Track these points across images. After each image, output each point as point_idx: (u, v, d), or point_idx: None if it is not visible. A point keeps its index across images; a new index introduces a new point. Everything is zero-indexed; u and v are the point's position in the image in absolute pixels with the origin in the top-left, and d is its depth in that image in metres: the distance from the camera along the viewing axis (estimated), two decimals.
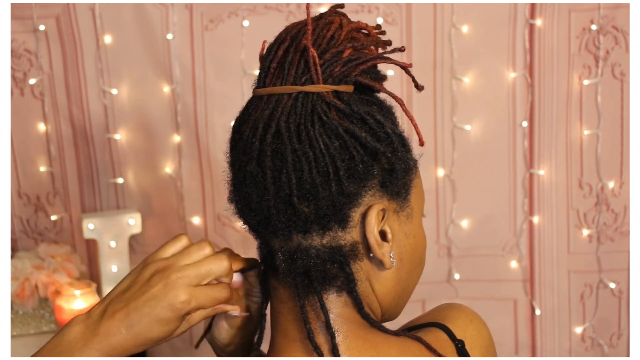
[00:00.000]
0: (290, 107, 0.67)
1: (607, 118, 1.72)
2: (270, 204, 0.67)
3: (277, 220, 0.68)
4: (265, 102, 0.68)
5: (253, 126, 0.67)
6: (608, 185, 1.75)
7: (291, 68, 0.68)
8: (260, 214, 0.68)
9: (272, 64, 0.69)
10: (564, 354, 1.81)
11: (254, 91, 0.70)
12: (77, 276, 1.71)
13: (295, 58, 0.68)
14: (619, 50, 1.69)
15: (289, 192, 0.66)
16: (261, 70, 0.70)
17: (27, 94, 1.76)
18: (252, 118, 0.68)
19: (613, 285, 1.78)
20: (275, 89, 0.68)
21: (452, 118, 1.74)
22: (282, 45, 0.70)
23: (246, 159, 0.67)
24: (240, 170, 0.69)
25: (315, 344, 0.68)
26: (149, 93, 1.75)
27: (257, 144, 0.66)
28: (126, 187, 1.80)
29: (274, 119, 0.66)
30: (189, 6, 1.70)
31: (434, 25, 1.70)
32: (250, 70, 1.72)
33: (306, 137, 0.65)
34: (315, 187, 0.66)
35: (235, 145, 0.70)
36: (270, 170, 0.66)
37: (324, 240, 0.69)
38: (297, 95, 0.67)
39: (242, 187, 0.69)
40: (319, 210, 0.67)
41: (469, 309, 0.80)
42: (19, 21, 1.70)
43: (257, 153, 0.66)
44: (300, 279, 0.69)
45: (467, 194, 1.78)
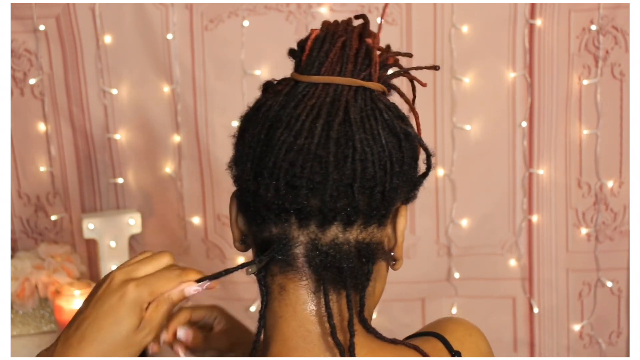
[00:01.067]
0: (352, 98, 0.68)
1: (607, 118, 1.72)
2: (328, 191, 0.66)
3: (329, 208, 0.66)
4: (322, 90, 0.68)
5: (312, 110, 0.67)
6: (607, 185, 1.75)
7: (349, 62, 0.69)
8: (310, 200, 0.66)
9: (330, 54, 0.70)
10: (562, 351, 1.82)
11: (305, 77, 0.69)
12: (77, 276, 1.71)
13: (352, 53, 0.70)
14: (618, 50, 1.69)
15: (352, 180, 0.66)
16: (314, 59, 0.70)
17: (27, 94, 1.76)
18: (310, 103, 0.67)
19: (611, 284, 1.78)
20: (335, 79, 0.68)
21: (452, 118, 1.74)
22: (339, 38, 0.71)
23: (304, 142, 0.66)
24: (291, 153, 0.66)
25: (337, 340, 0.67)
26: (149, 93, 1.75)
27: (320, 129, 0.66)
28: (126, 187, 1.80)
29: (340, 107, 0.67)
30: (189, 6, 1.70)
31: (434, 25, 1.70)
32: (250, 70, 1.72)
33: (370, 130, 0.67)
34: (375, 179, 0.67)
35: (281, 127, 0.67)
36: (334, 156, 0.66)
37: (361, 236, 0.69)
38: (358, 89, 0.69)
39: (291, 171, 0.66)
40: (372, 203, 0.67)
41: (469, 322, 0.80)
42: (19, 21, 1.70)
43: (319, 138, 0.66)
44: (329, 274, 0.68)
45: (467, 194, 1.78)
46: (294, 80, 0.70)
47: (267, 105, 0.69)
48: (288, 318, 0.70)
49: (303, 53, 0.72)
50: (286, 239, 0.68)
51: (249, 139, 0.69)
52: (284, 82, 0.72)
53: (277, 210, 0.67)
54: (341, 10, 1.70)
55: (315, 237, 0.68)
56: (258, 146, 0.68)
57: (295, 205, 0.66)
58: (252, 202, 0.69)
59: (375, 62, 0.70)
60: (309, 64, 0.70)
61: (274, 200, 0.67)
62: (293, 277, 0.69)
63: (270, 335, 0.71)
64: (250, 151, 0.69)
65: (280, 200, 0.67)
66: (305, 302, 0.69)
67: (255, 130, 0.69)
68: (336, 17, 1.81)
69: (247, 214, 0.72)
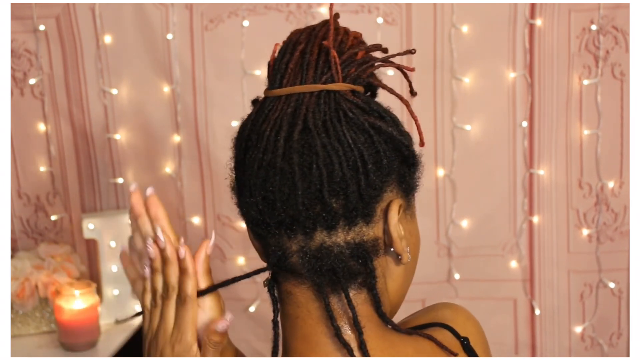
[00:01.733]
0: (314, 104, 0.68)
1: (607, 118, 1.72)
2: (299, 201, 0.67)
3: (305, 216, 0.67)
4: (285, 102, 0.69)
5: (275, 124, 0.68)
6: (608, 185, 1.75)
7: (309, 68, 0.70)
8: (286, 212, 0.67)
9: (289, 64, 0.70)
10: (564, 353, 1.81)
11: (270, 92, 0.71)
12: (77, 276, 1.71)
13: (313, 58, 0.70)
14: (619, 50, 1.69)
15: (320, 187, 0.67)
16: (276, 72, 0.71)
17: (27, 94, 1.76)
18: (273, 117, 0.69)
19: (613, 285, 1.78)
20: (295, 88, 0.69)
21: (452, 118, 1.74)
22: (298, 46, 0.71)
23: (270, 157, 0.67)
24: (261, 170, 0.68)
25: (344, 341, 0.68)
26: (149, 93, 1.75)
27: (283, 142, 0.67)
28: (126, 187, 1.80)
29: (299, 116, 0.68)
30: (189, 6, 1.70)
31: (434, 25, 1.70)
32: (250, 70, 1.72)
33: (334, 132, 0.67)
34: (345, 180, 0.67)
35: (252, 145, 0.69)
36: (298, 166, 0.67)
37: (349, 237, 0.69)
38: (320, 94, 0.69)
39: (264, 187, 0.68)
40: (348, 205, 0.68)
41: (462, 307, 0.82)
42: (19, 21, 1.70)
43: (282, 150, 0.67)
44: (325, 278, 0.69)
45: (467, 194, 1.78)
46: (264, 97, 0.72)
47: (242, 126, 0.72)
48: (304, 317, 0.71)
49: (269, 68, 0.73)
50: (281, 250, 0.70)
51: (235, 160, 0.73)
52: (257, 100, 0.74)
53: (264, 225, 0.70)
54: (341, 10, 1.69)
55: (305, 245, 0.69)
56: (239, 167, 0.71)
57: (274, 218, 0.68)
58: (245, 220, 0.73)
59: (334, 62, 0.70)
60: (273, 78, 0.71)
61: (257, 216, 0.69)
62: (296, 283, 0.71)
63: (290, 334, 0.72)
64: (236, 173, 0.73)
65: (262, 216, 0.69)
66: (315, 301, 0.70)
67: (237, 151, 0.72)
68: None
69: (252, 230, 0.75)
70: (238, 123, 1.80)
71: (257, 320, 1.82)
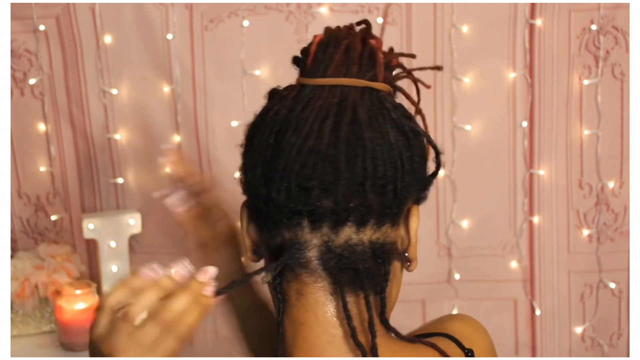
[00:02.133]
0: (359, 98, 0.69)
1: (607, 118, 1.72)
2: (340, 191, 0.66)
3: (342, 208, 0.66)
4: (329, 92, 0.69)
5: (320, 112, 0.68)
6: (608, 185, 1.75)
7: (354, 64, 0.71)
8: (322, 201, 0.66)
9: (335, 56, 0.71)
10: (564, 353, 1.81)
11: (311, 80, 0.70)
12: (77, 276, 1.71)
13: (357, 55, 0.71)
14: (619, 50, 1.69)
15: (363, 180, 0.66)
16: (319, 62, 0.71)
17: (27, 94, 1.76)
18: (317, 104, 0.68)
19: (613, 285, 1.78)
20: (341, 80, 0.70)
21: (452, 118, 1.74)
22: (343, 41, 0.72)
23: (312, 144, 0.66)
24: (301, 155, 0.66)
25: (359, 342, 0.67)
26: (149, 93, 1.75)
27: (329, 129, 0.67)
28: (126, 187, 1.80)
29: (347, 108, 0.68)
30: (189, 6, 1.70)
31: (434, 25, 1.70)
32: (250, 70, 1.72)
33: (379, 129, 0.68)
34: (386, 178, 0.67)
35: (289, 129, 0.68)
36: (345, 155, 0.66)
37: (375, 236, 0.69)
38: (364, 89, 0.70)
39: (302, 172, 0.66)
40: (384, 203, 0.68)
41: (472, 319, 0.81)
42: (19, 21, 1.70)
43: (329, 138, 0.66)
44: (344, 276, 0.68)
45: (467, 194, 1.78)
46: (300, 84, 0.71)
47: (274, 110, 0.70)
48: (310, 324, 0.69)
49: (307, 58, 0.73)
50: (299, 243, 0.68)
51: (258, 144, 0.70)
52: (290, 87, 0.73)
53: (290, 214, 0.67)
54: (341, 10, 1.69)
55: (329, 239, 0.68)
56: (267, 150, 0.68)
57: (307, 207, 0.66)
58: (264, 208, 0.69)
59: (379, 62, 0.72)
60: (314, 67, 0.71)
61: (286, 203, 0.67)
62: (309, 280, 0.69)
63: (293, 343, 0.70)
64: (259, 156, 0.69)
65: (293, 203, 0.67)
66: (325, 305, 0.69)
67: (263, 135, 0.69)
68: (336, 17, 1.82)
69: (258, 221, 0.72)
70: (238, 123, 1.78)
71: None
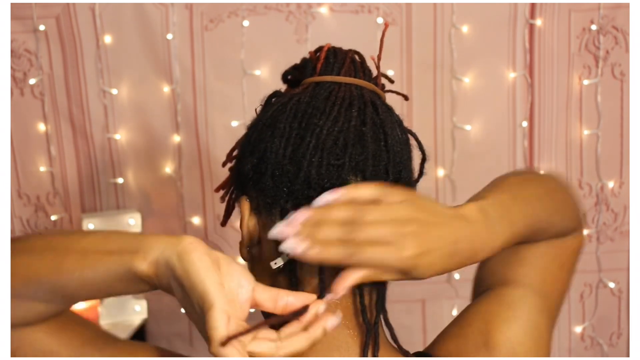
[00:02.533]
0: (371, 96, 0.74)
1: (607, 118, 1.72)
2: (369, 168, 0.69)
3: None
4: (346, 87, 0.74)
5: (344, 101, 0.72)
6: (608, 185, 1.75)
7: (359, 71, 0.77)
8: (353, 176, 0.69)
9: (345, 61, 0.77)
10: (564, 353, 1.81)
11: (327, 77, 0.75)
12: None
13: (359, 65, 0.78)
14: (619, 50, 1.69)
15: (386, 163, 0.71)
16: (332, 64, 0.76)
17: (27, 94, 1.76)
18: (340, 95, 0.73)
19: (613, 285, 1.78)
20: (355, 80, 0.75)
21: (452, 118, 1.74)
22: (349, 53, 0.78)
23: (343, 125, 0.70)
24: (331, 134, 0.69)
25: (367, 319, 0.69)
26: (149, 93, 1.75)
27: (356, 114, 0.71)
28: (126, 187, 1.80)
29: (367, 101, 0.73)
30: (189, 6, 1.70)
31: (434, 25, 1.70)
32: (250, 70, 1.72)
33: (392, 124, 0.73)
34: (401, 165, 0.72)
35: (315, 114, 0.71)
36: (371, 137, 0.71)
37: None
38: (372, 92, 0.75)
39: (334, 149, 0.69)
40: (398, 184, 0.71)
41: None
42: (19, 21, 1.70)
43: (355, 121, 0.71)
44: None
45: (467, 194, 1.76)
46: (314, 82, 0.75)
47: (295, 100, 0.73)
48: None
49: (315, 63, 0.77)
50: None
51: (281, 128, 0.71)
52: (301, 85, 0.76)
53: (319, 189, 0.67)
54: (341, 10, 1.69)
55: None
56: (293, 132, 0.70)
57: (338, 182, 0.68)
58: (287, 189, 0.69)
59: (379, 74, 0.78)
60: (327, 68, 0.76)
61: (317, 180, 0.68)
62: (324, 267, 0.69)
63: None
64: (283, 140, 0.70)
65: (324, 179, 0.68)
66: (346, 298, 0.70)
67: (287, 120, 0.71)
68: (336, 17, 1.81)
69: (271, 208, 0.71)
70: (238, 123, 1.77)
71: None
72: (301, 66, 0.79)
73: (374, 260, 0.63)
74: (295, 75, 0.79)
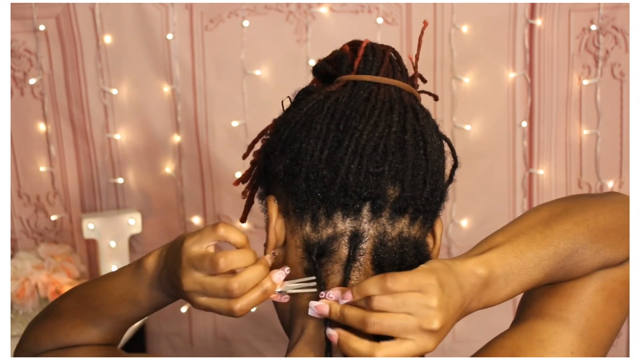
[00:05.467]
0: (410, 100, 0.72)
1: (607, 118, 1.72)
2: (407, 177, 0.68)
3: (408, 193, 0.68)
4: (385, 88, 0.72)
5: (385, 105, 0.70)
6: (607, 185, 1.75)
7: (397, 71, 0.74)
8: (392, 186, 0.67)
9: (384, 60, 0.74)
10: None
11: (367, 77, 0.72)
12: (77, 276, 1.71)
13: (397, 64, 0.75)
14: (618, 50, 1.69)
15: (425, 172, 0.69)
16: (371, 62, 0.73)
17: (27, 94, 1.76)
18: (380, 98, 0.70)
19: None
20: (396, 82, 0.72)
21: (452, 118, 1.74)
22: (388, 50, 0.75)
23: (383, 131, 0.68)
24: (371, 140, 0.67)
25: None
26: (149, 93, 1.75)
27: (397, 119, 0.69)
28: (126, 187, 1.80)
29: (407, 105, 0.71)
30: (189, 6, 1.70)
31: (434, 25, 1.70)
32: (250, 70, 1.72)
33: (429, 129, 0.72)
34: (438, 174, 0.71)
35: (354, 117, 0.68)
36: (411, 145, 0.69)
37: (419, 233, 0.70)
38: (410, 94, 0.73)
39: (373, 155, 0.67)
40: (434, 198, 0.70)
41: None
42: (19, 21, 1.70)
43: (396, 128, 0.69)
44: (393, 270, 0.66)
45: (467, 194, 1.78)
46: (352, 81, 0.72)
47: (333, 99, 0.70)
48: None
49: (352, 59, 0.74)
50: (356, 232, 0.68)
51: (318, 129, 0.68)
52: (337, 82, 0.73)
53: (355, 198, 0.67)
54: (341, 10, 1.70)
55: (385, 230, 0.68)
56: (330, 134, 0.68)
57: (376, 191, 0.67)
58: (321, 195, 0.67)
59: (416, 74, 0.76)
60: (366, 66, 0.73)
61: (355, 187, 0.67)
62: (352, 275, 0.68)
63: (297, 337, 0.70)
64: (319, 142, 0.68)
65: (361, 187, 0.67)
66: None
67: (324, 121, 0.69)
68: (336, 17, 1.82)
69: (302, 213, 0.69)
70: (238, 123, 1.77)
71: (257, 320, 1.82)
72: (336, 61, 0.75)
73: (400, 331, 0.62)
74: (328, 70, 0.75)
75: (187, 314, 1.84)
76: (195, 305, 0.66)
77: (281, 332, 0.82)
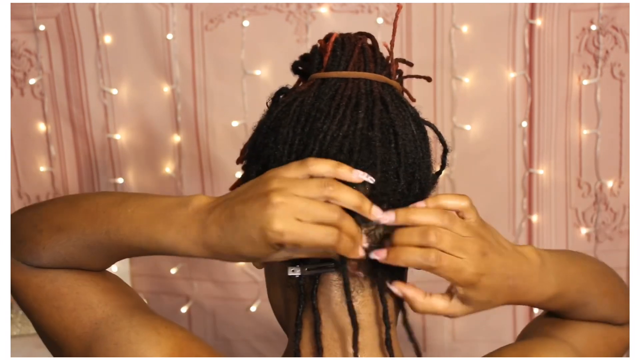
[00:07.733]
0: (382, 91, 0.71)
1: (607, 118, 1.72)
2: (377, 174, 0.66)
3: (380, 190, 0.67)
4: (353, 83, 0.70)
5: (350, 101, 0.68)
6: (607, 185, 1.75)
7: (370, 61, 0.72)
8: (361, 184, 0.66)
9: (354, 53, 0.72)
10: None
11: (336, 73, 0.71)
12: None
13: (370, 54, 0.73)
14: (618, 50, 1.69)
15: (397, 165, 0.68)
16: (339, 57, 0.72)
17: (27, 94, 1.76)
18: (346, 94, 0.69)
19: None
20: (364, 74, 0.71)
21: (452, 118, 1.74)
22: (357, 42, 0.73)
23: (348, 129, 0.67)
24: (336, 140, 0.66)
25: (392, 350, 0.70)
26: (149, 93, 1.75)
27: (363, 115, 0.68)
28: (126, 187, 1.80)
29: (377, 97, 0.69)
30: (189, 6, 1.70)
31: (434, 25, 1.70)
32: (250, 70, 1.72)
33: (404, 120, 0.70)
34: (414, 166, 0.69)
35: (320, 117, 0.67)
36: (379, 140, 0.67)
37: None
38: (383, 84, 0.71)
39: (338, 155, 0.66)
40: (412, 191, 0.69)
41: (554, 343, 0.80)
42: (19, 21, 1.70)
43: (362, 124, 0.67)
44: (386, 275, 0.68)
45: (467, 194, 1.77)
46: (320, 79, 0.71)
47: (299, 101, 0.70)
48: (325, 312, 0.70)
49: (322, 55, 0.73)
50: None
51: (286, 134, 0.68)
52: (306, 81, 0.73)
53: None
54: (341, 10, 1.70)
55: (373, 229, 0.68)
56: (296, 138, 0.68)
57: None
58: None
59: (393, 62, 0.75)
60: (334, 62, 0.72)
61: None
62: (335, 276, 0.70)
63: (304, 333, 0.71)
64: (286, 147, 0.68)
65: None
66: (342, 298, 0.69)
67: (291, 125, 0.68)
68: (336, 17, 1.82)
69: None
70: (238, 123, 1.78)
71: (257, 320, 1.82)
72: (310, 57, 0.76)
73: (448, 269, 0.64)
74: (305, 67, 0.76)
75: (187, 314, 1.84)
76: (282, 234, 0.60)
77: (281, 332, 0.82)
